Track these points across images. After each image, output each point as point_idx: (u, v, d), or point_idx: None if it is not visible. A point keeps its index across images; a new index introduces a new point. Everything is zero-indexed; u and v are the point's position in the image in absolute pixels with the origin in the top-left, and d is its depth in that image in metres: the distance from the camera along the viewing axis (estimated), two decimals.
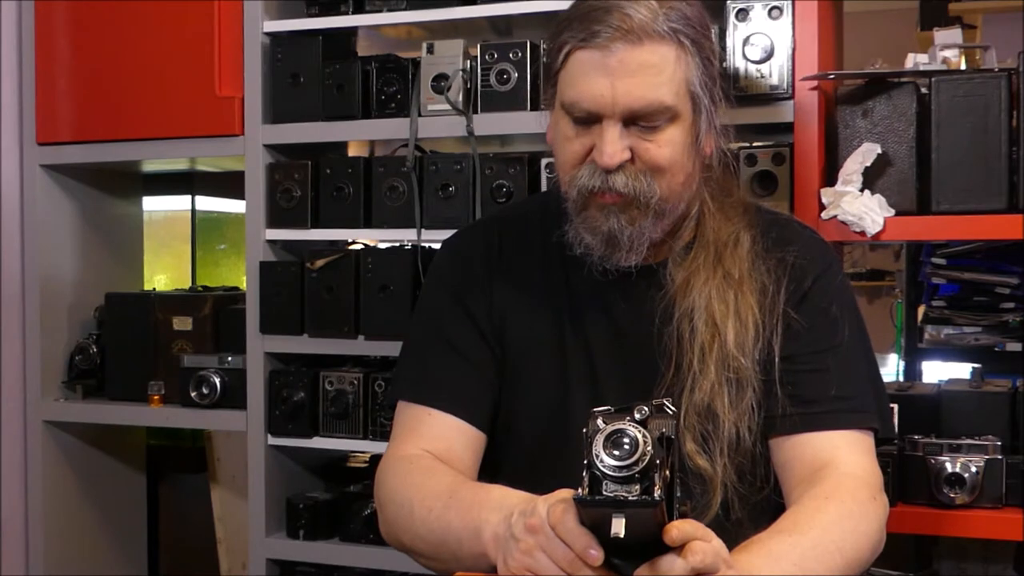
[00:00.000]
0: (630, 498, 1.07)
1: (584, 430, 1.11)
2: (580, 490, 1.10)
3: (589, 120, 1.39)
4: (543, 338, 1.51)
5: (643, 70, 1.35)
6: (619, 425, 1.09)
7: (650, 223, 1.41)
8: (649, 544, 1.11)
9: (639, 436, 1.08)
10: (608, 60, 1.35)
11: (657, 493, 1.07)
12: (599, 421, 1.11)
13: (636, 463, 1.07)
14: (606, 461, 1.08)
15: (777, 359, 1.43)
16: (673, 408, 1.13)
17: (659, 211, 1.41)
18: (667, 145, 1.39)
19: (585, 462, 1.09)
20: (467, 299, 1.53)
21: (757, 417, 1.42)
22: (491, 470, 1.53)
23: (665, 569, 1.10)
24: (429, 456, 1.46)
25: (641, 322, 1.47)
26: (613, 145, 1.37)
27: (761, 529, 1.32)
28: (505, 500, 1.28)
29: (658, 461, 1.08)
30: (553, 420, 1.49)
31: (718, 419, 1.40)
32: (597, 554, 1.11)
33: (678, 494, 1.13)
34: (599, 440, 1.09)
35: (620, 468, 1.07)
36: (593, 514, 1.10)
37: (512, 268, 1.55)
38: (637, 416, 1.10)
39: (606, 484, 1.08)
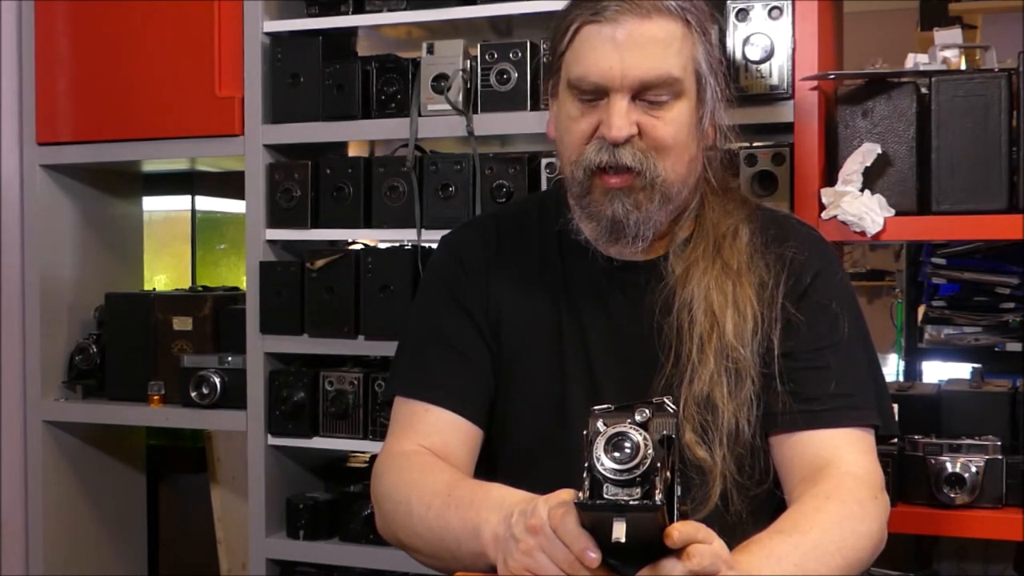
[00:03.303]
0: (631, 502, 1.07)
1: (584, 432, 1.11)
2: (580, 493, 1.09)
3: (596, 95, 1.40)
4: (540, 334, 1.51)
5: (651, 43, 1.38)
6: (620, 428, 1.09)
7: (656, 207, 1.42)
8: (650, 545, 1.11)
9: (640, 439, 1.07)
10: (616, 33, 1.37)
11: (658, 497, 1.07)
12: (600, 423, 1.10)
13: (637, 467, 1.07)
14: (607, 464, 1.07)
15: (777, 354, 1.43)
16: (674, 407, 1.13)
17: (664, 194, 1.42)
18: (672, 123, 1.40)
19: (586, 464, 1.09)
20: (464, 295, 1.53)
21: (756, 409, 1.42)
22: (488, 466, 1.53)
23: (666, 571, 1.11)
24: (427, 452, 1.46)
25: (639, 316, 1.47)
26: (621, 118, 1.38)
27: (760, 523, 1.32)
28: (505, 500, 1.28)
29: (659, 464, 1.08)
30: (550, 415, 1.49)
31: (717, 410, 1.41)
32: (595, 556, 1.11)
33: (679, 494, 1.12)
34: (600, 443, 1.08)
35: (621, 471, 1.07)
36: (594, 517, 1.10)
37: (509, 264, 1.55)
38: (638, 418, 1.10)
39: (607, 487, 1.08)
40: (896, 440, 1.89)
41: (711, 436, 1.40)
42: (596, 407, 1.13)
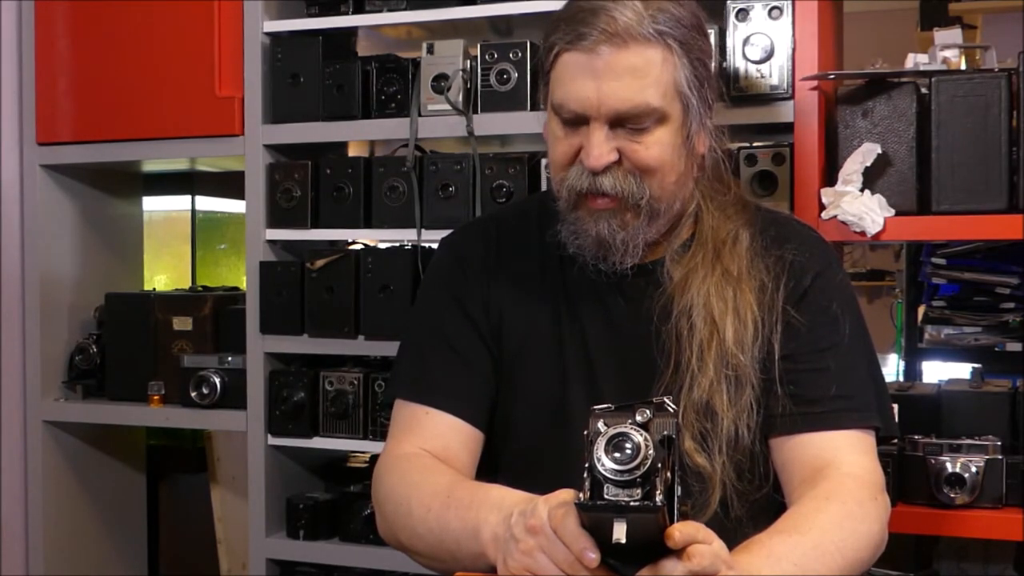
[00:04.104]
0: (631, 503, 1.07)
1: (585, 432, 1.11)
2: (581, 494, 1.09)
3: (577, 121, 1.39)
4: (540, 336, 1.51)
5: (629, 73, 1.36)
6: (621, 429, 1.08)
7: (643, 224, 1.42)
8: (650, 545, 1.11)
9: (641, 440, 1.07)
10: (594, 63, 1.36)
11: (659, 498, 1.06)
12: (600, 423, 1.10)
13: (638, 467, 1.07)
14: (607, 465, 1.07)
15: (777, 357, 1.43)
16: (674, 406, 1.13)
17: (652, 212, 1.41)
18: (655, 146, 1.39)
19: (586, 465, 1.09)
20: (465, 298, 1.53)
21: (756, 415, 1.42)
22: (489, 469, 1.53)
23: (666, 572, 1.11)
24: (427, 455, 1.46)
25: (639, 320, 1.47)
26: (599, 147, 1.37)
27: (760, 528, 1.32)
28: (504, 500, 1.29)
29: (659, 465, 1.08)
30: (550, 418, 1.49)
31: (717, 417, 1.40)
32: (594, 556, 1.12)
33: (679, 493, 1.12)
34: (600, 443, 1.08)
35: (621, 472, 1.07)
36: (594, 517, 1.10)
37: (510, 266, 1.55)
38: (639, 419, 1.10)
39: (607, 487, 1.08)
40: (896, 440, 1.89)
41: (710, 443, 1.40)
42: (596, 407, 1.13)
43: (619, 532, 1.07)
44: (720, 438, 1.40)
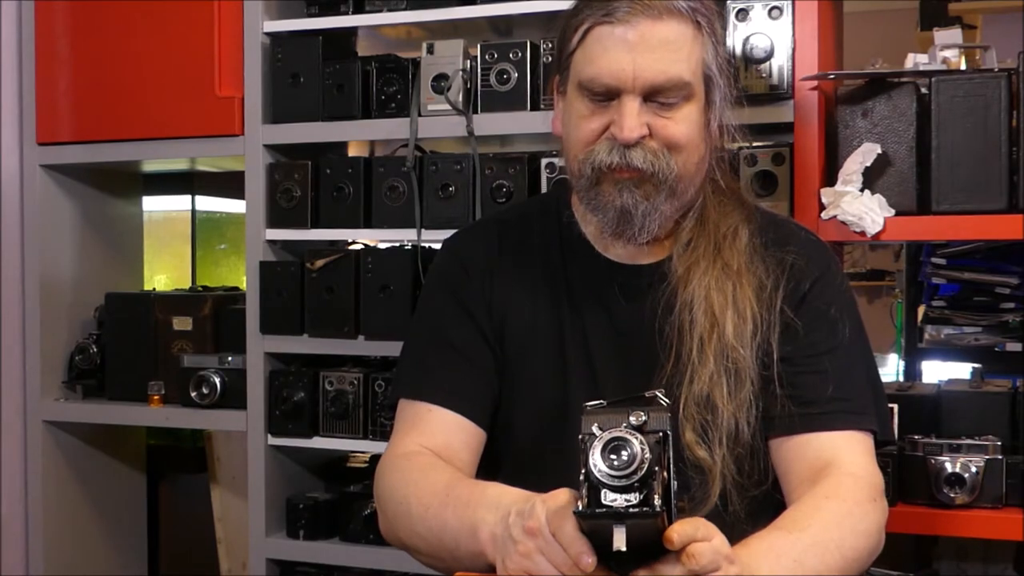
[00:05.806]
0: (630, 509, 1.06)
1: (580, 435, 1.10)
2: (579, 502, 1.09)
3: (608, 96, 1.40)
4: (543, 336, 1.51)
5: (663, 46, 1.37)
6: (617, 433, 1.07)
7: (663, 200, 1.42)
8: (650, 546, 1.10)
9: (638, 445, 1.07)
10: (628, 35, 1.37)
11: (657, 502, 1.06)
12: (595, 427, 1.09)
13: (635, 472, 1.06)
14: (603, 469, 1.07)
15: (776, 357, 1.43)
16: (666, 400, 1.12)
17: (672, 189, 1.42)
18: (684, 122, 1.40)
19: (583, 470, 1.08)
20: (467, 299, 1.53)
21: (756, 410, 1.42)
22: (491, 468, 1.53)
23: (664, 572, 1.11)
24: (428, 453, 1.46)
25: (641, 318, 1.47)
26: (632, 119, 1.38)
27: (758, 525, 1.32)
28: (501, 498, 1.28)
29: (656, 468, 1.07)
30: (552, 418, 1.49)
31: (717, 410, 1.41)
32: (590, 561, 1.12)
33: (675, 490, 1.12)
34: (596, 448, 1.07)
35: (619, 477, 1.06)
36: (593, 524, 1.10)
37: (511, 267, 1.55)
38: (633, 420, 1.09)
39: (604, 492, 1.07)
40: (896, 441, 1.88)
41: (711, 436, 1.40)
42: (588, 404, 1.13)
43: (619, 540, 1.06)
44: (720, 431, 1.40)
